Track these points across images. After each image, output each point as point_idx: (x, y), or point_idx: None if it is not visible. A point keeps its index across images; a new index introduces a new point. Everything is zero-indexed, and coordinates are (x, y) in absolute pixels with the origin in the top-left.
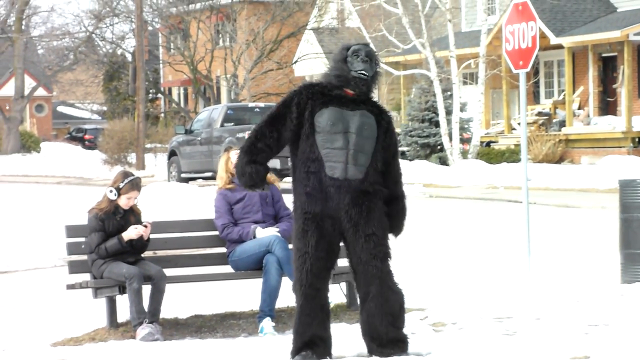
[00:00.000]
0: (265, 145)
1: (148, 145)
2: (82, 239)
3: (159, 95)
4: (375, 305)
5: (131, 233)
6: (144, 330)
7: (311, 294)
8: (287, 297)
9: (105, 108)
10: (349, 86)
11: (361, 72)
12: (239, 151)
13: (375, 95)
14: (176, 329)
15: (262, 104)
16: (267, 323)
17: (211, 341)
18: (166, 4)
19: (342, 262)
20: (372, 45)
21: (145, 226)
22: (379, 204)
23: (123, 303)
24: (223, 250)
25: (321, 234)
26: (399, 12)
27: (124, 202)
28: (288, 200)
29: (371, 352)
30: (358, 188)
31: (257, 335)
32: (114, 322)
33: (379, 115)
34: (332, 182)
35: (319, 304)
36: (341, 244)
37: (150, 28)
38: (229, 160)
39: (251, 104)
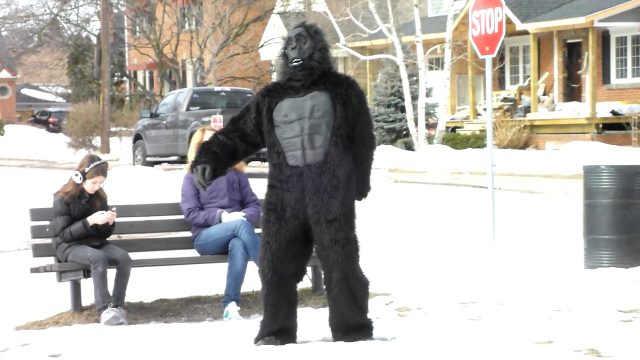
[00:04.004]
0: (226, 138)
1: (113, 129)
2: (47, 223)
3: (125, 78)
4: (340, 291)
5: (97, 218)
6: (108, 314)
7: (275, 282)
8: (252, 281)
9: (69, 91)
10: (293, 77)
11: (294, 60)
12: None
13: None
14: (141, 313)
15: (228, 88)
16: (232, 307)
17: (176, 325)
18: None
19: None
20: (310, 22)
21: (112, 212)
22: (342, 186)
23: (87, 287)
24: (188, 234)
25: (282, 224)
26: None
27: (89, 186)
28: (254, 185)
29: (336, 338)
30: (320, 172)
31: (222, 320)
32: (78, 306)
33: (333, 90)
34: (293, 171)
35: (283, 294)
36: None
37: (115, 11)
38: (201, 142)
39: (217, 88)
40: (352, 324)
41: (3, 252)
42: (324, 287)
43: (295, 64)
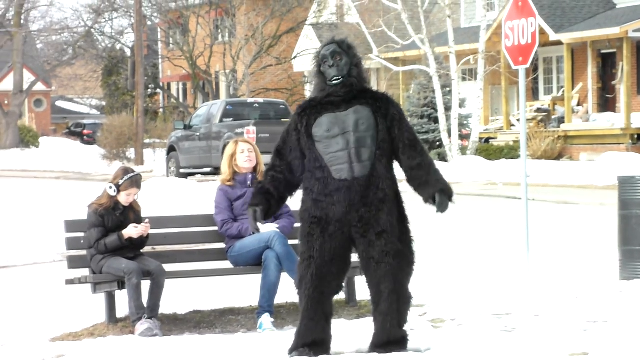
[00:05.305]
0: (276, 173)
1: (147, 141)
2: (81, 234)
3: (158, 90)
4: (389, 305)
5: (131, 232)
6: (142, 325)
7: (316, 297)
8: (286, 293)
9: (104, 103)
10: (334, 95)
11: (333, 79)
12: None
13: (374, 86)
14: (175, 324)
15: (261, 100)
16: (266, 319)
17: (210, 337)
18: None
19: None
20: (340, 37)
21: (146, 224)
22: (388, 200)
23: (122, 298)
24: (222, 245)
25: (326, 238)
26: (398, 8)
27: (123, 198)
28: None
29: (372, 351)
30: (367, 185)
31: (255, 331)
32: (112, 318)
33: (374, 105)
34: (340, 184)
35: (321, 309)
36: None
37: (149, 23)
38: (234, 155)
39: (250, 100)
40: (392, 338)
41: (38, 264)
42: (370, 300)
43: (336, 82)
